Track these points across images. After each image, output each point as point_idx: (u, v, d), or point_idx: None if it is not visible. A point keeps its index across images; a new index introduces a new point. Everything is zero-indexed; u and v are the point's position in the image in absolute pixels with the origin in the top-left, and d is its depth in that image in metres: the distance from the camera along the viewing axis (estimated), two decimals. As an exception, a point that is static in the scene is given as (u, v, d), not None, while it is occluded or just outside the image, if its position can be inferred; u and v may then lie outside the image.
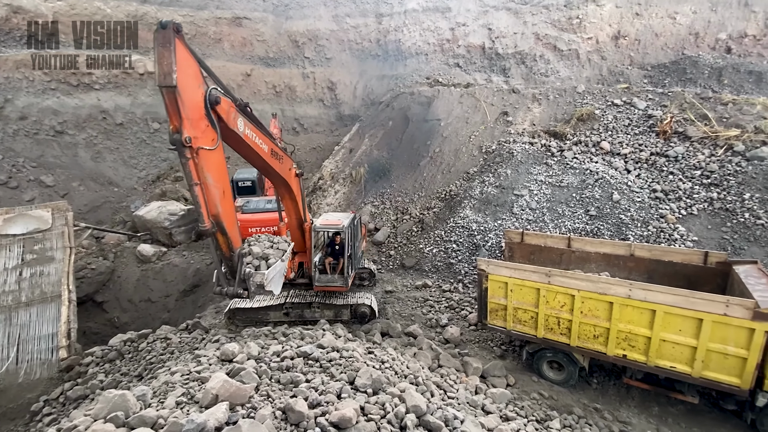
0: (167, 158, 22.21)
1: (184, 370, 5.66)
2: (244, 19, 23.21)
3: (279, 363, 5.75)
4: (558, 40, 21.52)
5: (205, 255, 15.71)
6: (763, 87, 17.25)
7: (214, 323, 11.18)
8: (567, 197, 13.28)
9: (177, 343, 9.61)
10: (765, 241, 10.79)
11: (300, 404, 4.33)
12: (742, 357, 6.56)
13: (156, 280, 15.15)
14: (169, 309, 14.65)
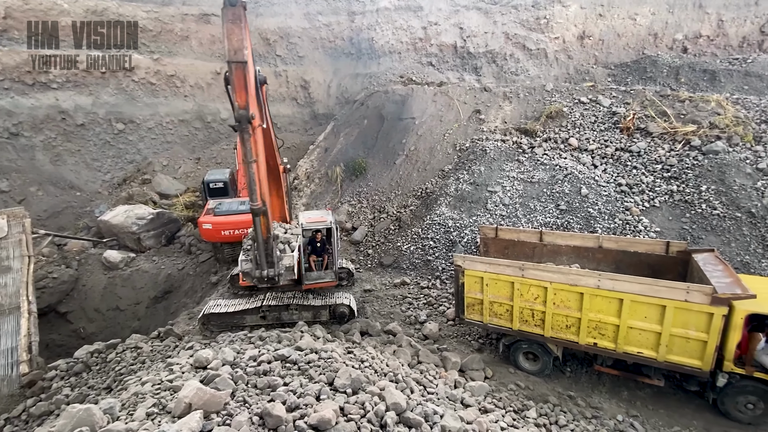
0: (134, 160, 21.35)
1: (155, 379, 5.46)
2: (213, 15, 22.54)
3: (256, 367, 5.64)
4: (527, 39, 22.07)
5: (177, 259, 15.22)
6: (717, 85, 18.29)
7: (187, 330, 10.84)
8: (538, 192, 13.66)
9: (148, 352, 9.26)
10: (721, 230, 11.46)
11: (278, 408, 4.26)
12: (703, 340, 6.94)
13: (124, 287, 14.54)
14: (140, 317, 14.10)
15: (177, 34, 22.21)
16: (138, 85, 21.53)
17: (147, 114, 21.59)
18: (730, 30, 21.53)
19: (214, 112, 22.88)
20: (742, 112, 14.04)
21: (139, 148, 21.51)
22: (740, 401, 7.23)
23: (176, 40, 22.23)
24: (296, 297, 10.71)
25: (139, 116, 21.40)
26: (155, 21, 21.56)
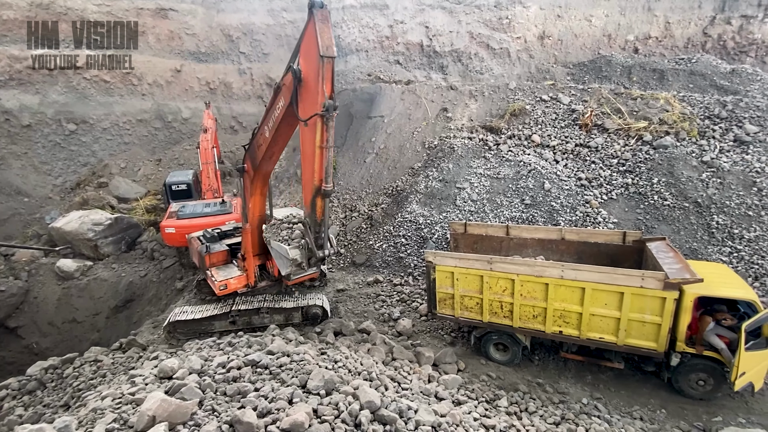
0: (88, 163, 20.15)
1: (115, 393, 5.18)
2: (170, 10, 21.60)
3: (225, 374, 5.48)
4: (490, 39, 22.61)
5: (138, 266, 14.51)
6: (665, 83, 19.48)
7: (152, 339, 10.37)
8: (504, 188, 14.06)
9: (109, 365, 8.80)
10: (671, 219, 12.24)
11: (248, 415, 4.16)
12: (657, 323, 7.39)
13: (81, 297, 13.72)
14: (99, 328, 13.37)
15: (132, 30, 21.11)
16: (90, 83, 20.33)
17: (101, 113, 20.42)
18: (676, 32, 22.99)
19: (174, 111, 21.96)
20: (688, 108, 15.03)
21: (93, 150, 20.31)
22: (692, 378, 7.76)
23: (131, 35, 21.12)
24: (267, 300, 10.49)
25: (92, 116, 20.20)
26: (107, 15, 20.40)
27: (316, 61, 5.92)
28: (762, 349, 7.01)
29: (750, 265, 10.84)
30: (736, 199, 11.99)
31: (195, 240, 10.93)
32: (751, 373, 7.02)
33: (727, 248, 11.29)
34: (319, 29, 5.79)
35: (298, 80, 6.37)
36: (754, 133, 13.53)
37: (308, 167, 6.63)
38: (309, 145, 6.51)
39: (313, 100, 6.15)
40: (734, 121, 14.12)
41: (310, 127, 6.31)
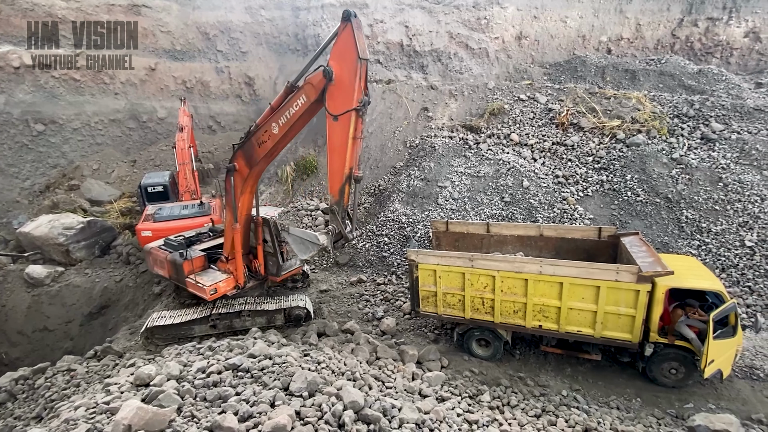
0: (57, 164, 19.36)
1: (89, 403, 5.00)
2: (143, 7, 20.96)
3: (205, 379, 5.36)
4: (469, 39, 22.87)
5: (113, 271, 14.05)
6: (637, 83, 20.15)
7: (129, 346, 10.07)
8: (484, 186, 14.26)
9: (83, 374, 8.49)
10: (644, 215, 12.68)
11: (229, 420, 4.09)
12: (632, 315, 7.65)
13: (52, 305, 13.19)
14: (72, 336, 12.88)
15: (103, 27, 20.38)
16: (59, 81, 19.53)
17: (71, 113, 19.66)
18: (647, 33, 23.79)
19: (149, 111, 21.34)
20: (658, 107, 15.59)
21: (63, 151, 19.54)
22: (665, 367, 8.06)
23: (102, 32, 20.39)
24: (248, 302, 10.33)
25: (61, 116, 19.42)
26: (77, 11, 19.63)
27: (353, 63, 6.70)
28: (729, 338, 7.34)
29: (717, 257, 11.34)
30: (703, 195, 12.52)
31: (157, 250, 10.46)
32: (720, 360, 7.35)
33: (696, 241, 11.78)
34: (356, 35, 6.62)
35: (329, 80, 6.95)
36: (720, 131, 14.15)
37: (337, 158, 7.24)
38: (339, 138, 7.12)
39: (346, 97, 6.84)
40: (701, 119, 14.73)
41: (341, 122, 6.97)
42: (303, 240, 9.09)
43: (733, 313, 7.36)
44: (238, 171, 8.70)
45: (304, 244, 9.05)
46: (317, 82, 7.15)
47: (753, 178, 12.60)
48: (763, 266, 10.83)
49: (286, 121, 7.74)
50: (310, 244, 8.89)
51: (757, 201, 12.06)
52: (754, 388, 8.02)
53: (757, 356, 8.76)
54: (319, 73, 7.07)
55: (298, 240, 9.16)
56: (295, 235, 9.30)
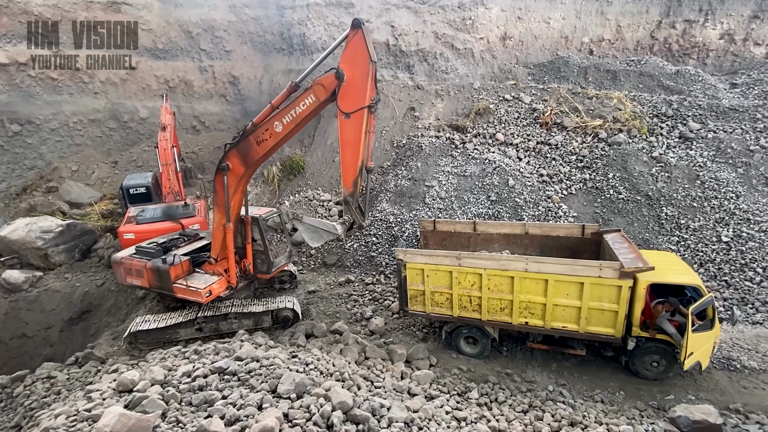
0: (35, 166, 18.79)
1: (70, 410, 4.87)
2: (123, 4, 20.47)
3: (190, 384, 5.28)
4: (455, 39, 23.01)
5: (95, 275, 13.70)
6: (617, 83, 20.57)
7: (111, 351, 9.85)
8: (471, 185, 14.39)
9: (64, 381, 8.27)
10: (625, 212, 12.97)
11: (215, 424, 4.03)
12: (614, 311, 7.82)
13: (31, 311, 12.80)
14: (52, 343, 12.52)
15: (82, 24, 19.84)
16: (35, 80, 18.94)
17: (49, 113, 19.09)
18: (627, 35, 24.31)
19: (131, 111, 20.87)
20: (638, 107, 15.97)
21: (40, 152, 18.96)
22: (647, 361, 8.28)
23: (82, 29, 19.85)
24: (235, 305, 10.21)
25: (38, 116, 18.85)
26: (54, 8, 19.05)
27: (365, 65, 7.28)
28: (707, 331, 7.58)
29: (695, 252, 11.69)
30: (682, 192, 12.88)
31: (129, 259, 10.06)
32: (698, 352, 7.57)
33: (675, 237, 12.11)
34: (367, 40, 7.22)
35: (341, 81, 7.42)
36: (697, 130, 14.57)
37: (349, 153, 7.70)
38: (351, 134, 7.63)
39: (359, 96, 7.37)
40: (679, 119, 15.15)
41: (354, 119, 7.49)
42: (316, 228, 9.30)
43: (710, 307, 7.59)
44: (232, 170, 8.67)
45: (317, 232, 9.26)
46: (329, 83, 7.58)
47: (728, 176, 13.02)
48: (739, 261, 11.20)
49: (291, 120, 8.02)
50: (324, 233, 9.12)
51: (732, 198, 12.47)
52: (731, 379, 8.29)
53: (734, 348, 9.06)
54: (331, 75, 7.52)
55: (311, 228, 9.37)
56: (308, 223, 9.49)
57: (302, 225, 9.59)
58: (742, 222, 11.90)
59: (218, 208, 9.16)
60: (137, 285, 10.22)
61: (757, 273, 10.90)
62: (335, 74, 7.44)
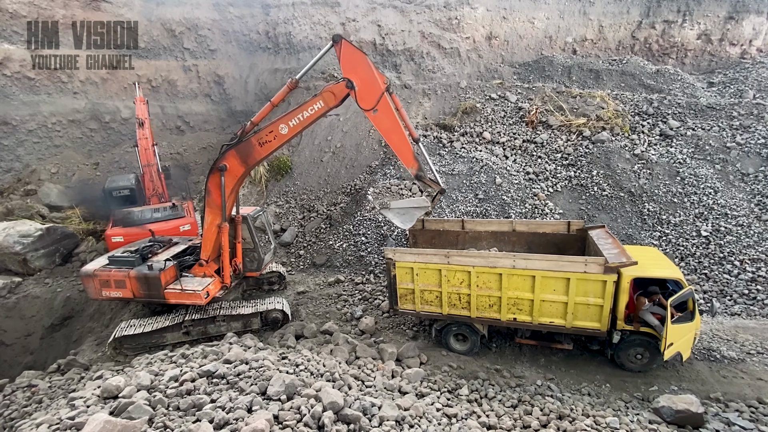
0: (11, 168, 18.19)
1: (52, 419, 4.74)
2: (103, 2, 19.96)
3: (177, 388, 5.19)
4: (441, 38, 23.13)
5: (76, 280, 13.35)
6: (600, 82, 20.98)
7: (95, 358, 9.63)
8: (459, 184, 14.49)
9: (46, 389, 8.05)
10: (609, 208, 13.25)
11: (204, 428, 3.98)
12: (600, 305, 7.98)
13: (9, 317, 12.41)
14: (33, 350, 12.17)
15: (60, 23, 19.29)
16: (11, 80, 18.32)
17: (25, 114, 18.50)
18: (609, 35, 24.80)
19: (112, 111, 20.38)
20: (621, 106, 16.31)
21: (18, 154, 18.37)
22: (631, 353, 8.47)
23: (60, 28, 19.30)
24: (223, 307, 10.08)
25: (15, 117, 18.24)
26: (29, 5, 18.46)
27: (365, 65, 7.82)
28: (687, 322, 7.79)
29: (676, 246, 12.01)
30: (663, 188, 13.21)
31: (104, 270, 9.56)
32: (678, 343, 7.78)
33: (657, 233, 12.42)
34: (353, 43, 7.86)
35: (352, 88, 7.89)
36: (677, 128, 14.96)
37: (395, 137, 8.22)
38: (387, 121, 8.11)
39: (374, 89, 7.86)
40: (660, 117, 15.53)
41: (381, 109, 7.93)
42: (406, 209, 9.33)
43: (690, 299, 7.81)
44: (230, 170, 8.70)
45: (407, 213, 9.26)
46: (338, 91, 8.03)
47: (707, 172, 13.40)
48: (717, 254, 11.55)
49: (297, 123, 8.30)
50: (415, 210, 9.15)
51: (711, 193, 12.84)
52: (711, 369, 8.54)
53: (713, 339, 9.34)
54: (341, 84, 7.95)
55: (401, 212, 9.38)
56: (397, 207, 9.44)
57: (391, 211, 9.50)
58: (720, 217, 12.27)
59: (211, 208, 9.11)
60: (117, 297, 9.76)
61: (734, 266, 11.26)
62: (345, 84, 7.87)
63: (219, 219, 9.10)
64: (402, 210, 9.35)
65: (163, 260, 9.69)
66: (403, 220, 9.23)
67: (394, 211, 9.40)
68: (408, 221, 9.20)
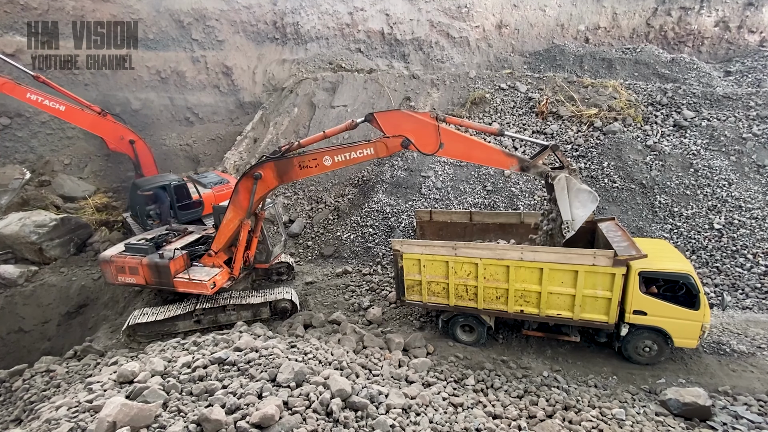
0: (26, 160, 18.52)
1: (71, 402, 4.92)
2: (112, -7, 20.01)
3: (190, 374, 5.34)
4: (450, 27, 22.80)
5: (91, 269, 13.66)
6: (613, 72, 20.54)
7: (110, 344, 9.91)
8: (467, 175, 14.41)
9: (63, 375, 8.32)
10: (620, 200, 13.08)
11: (216, 412, 4.10)
12: (608, 298, 7.95)
13: (27, 305, 12.77)
14: (50, 337, 12.53)
15: (69, 14, 19.43)
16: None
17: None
18: (623, 22, 24.19)
19: (123, 103, 20.56)
20: (633, 96, 15.97)
21: (31, 146, 18.69)
22: (639, 346, 8.45)
23: (68, 20, 19.45)
24: (233, 297, 10.26)
25: (28, 109, 18.49)
26: None
27: (405, 120, 8.36)
28: (682, 307, 7.86)
29: (688, 239, 11.84)
30: (675, 180, 12.98)
31: (120, 256, 9.91)
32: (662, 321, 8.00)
33: (669, 225, 12.25)
34: (385, 113, 8.59)
35: (410, 143, 8.24)
36: (691, 119, 14.63)
37: (475, 152, 8.50)
38: (458, 145, 8.37)
39: (428, 133, 8.16)
40: (674, 107, 15.18)
41: (447, 141, 8.15)
42: (580, 191, 8.00)
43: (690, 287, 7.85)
44: (264, 180, 8.90)
45: (583, 197, 7.96)
46: (392, 146, 8.34)
47: (721, 164, 13.13)
48: (730, 247, 11.37)
49: (342, 160, 8.56)
50: (590, 194, 7.87)
51: (725, 185, 12.59)
52: (720, 363, 8.49)
53: (724, 332, 9.25)
54: (397, 140, 8.25)
55: (574, 195, 8.07)
56: (570, 191, 8.02)
57: (567, 198, 7.99)
58: (734, 209, 12.05)
59: (236, 207, 9.28)
60: (131, 283, 10.08)
61: (747, 259, 11.08)
62: (401, 142, 8.19)
63: (242, 216, 9.33)
64: (573, 195, 8.01)
65: (177, 249, 9.88)
66: (580, 205, 7.97)
67: (567, 198, 7.99)
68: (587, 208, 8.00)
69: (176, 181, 13.13)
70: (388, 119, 8.35)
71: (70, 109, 13.14)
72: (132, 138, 14.47)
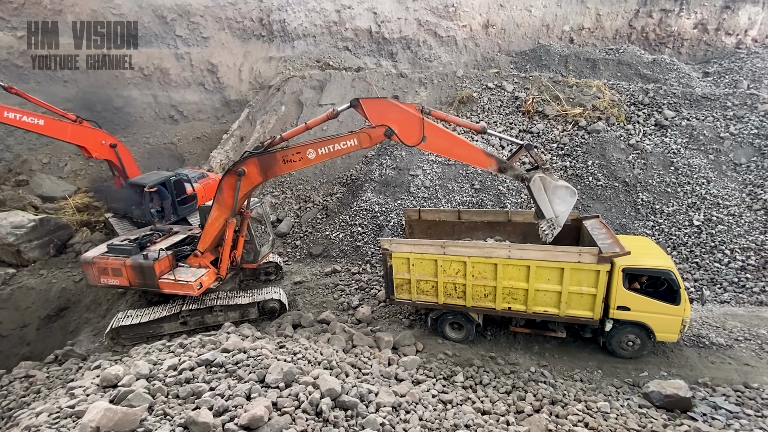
0: (2, 158, 17.94)
1: (52, 408, 4.78)
2: (93, -13, 19.48)
3: (177, 377, 5.25)
4: (438, 26, 22.89)
5: (72, 270, 13.30)
6: (597, 72, 20.93)
7: (92, 348, 9.67)
8: (455, 174, 14.50)
9: (44, 380, 8.09)
10: (604, 198, 13.34)
11: (204, 415, 4.04)
12: (593, 294, 8.12)
13: (5, 309, 12.37)
14: (29, 341, 12.16)
15: (47, 8, 18.84)
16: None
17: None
18: (606, 23, 24.65)
19: (104, 100, 20.06)
20: (617, 95, 16.29)
21: (8, 144, 18.11)
22: (623, 340, 8.64)
23: (47, 14, 18.86)
24: (220, 297, 10.12)
25: (4, 106, 17.91)
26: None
27: (391, 109, 8.11)
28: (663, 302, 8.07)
29: (669, 236, 12.16)
30: (657, 178, 13.31)
31: (102, 258, 9.66)
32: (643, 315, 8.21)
33: (651, 222, 12.55)
34: (372, 100, 8.44)
35: (392, 133, 8.09)
36: (672, 118, 15.00)
37: (457, 149, 8.34)
38: (441, 140, 8.23)
39: (412, 124, 8.03)
40: (655, 107, 15.55)
41: (430, 134, 8.00)
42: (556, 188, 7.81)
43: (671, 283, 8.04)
44: (247, 176, 8.73)
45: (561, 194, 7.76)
46: (376, 136, 8.22)
47: (700, 162, 13.51)
48: (709, 243, 11.72)
49: (326, 153, 8.43)
50: (567, 189, 7.71)
51: (703, 183, 12.96)
52: (700, 355, 8.75)
53: (703, 326, 9.54)
54: (379, 129, 8.12)
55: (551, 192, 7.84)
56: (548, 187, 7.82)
57: (541, 192, 7.84)
58: (713, 206, 12.41)
59: (220, 205, 9.12)
60: (114, 285, 9.84)
61: (725, 255, 11.43)
62: (384, 131, 8.05)
63: (227, 215, 9.16)
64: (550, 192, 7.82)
65: (161, 249, 9.68)
66: (561, 201, 7.79)
67: (543, 192, 7.85)
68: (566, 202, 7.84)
69: (176, 176, 13.07)
70: (373, 106, 8.24)
71: (49, 123, 12.77)
72: (113, 142, 14.16)
